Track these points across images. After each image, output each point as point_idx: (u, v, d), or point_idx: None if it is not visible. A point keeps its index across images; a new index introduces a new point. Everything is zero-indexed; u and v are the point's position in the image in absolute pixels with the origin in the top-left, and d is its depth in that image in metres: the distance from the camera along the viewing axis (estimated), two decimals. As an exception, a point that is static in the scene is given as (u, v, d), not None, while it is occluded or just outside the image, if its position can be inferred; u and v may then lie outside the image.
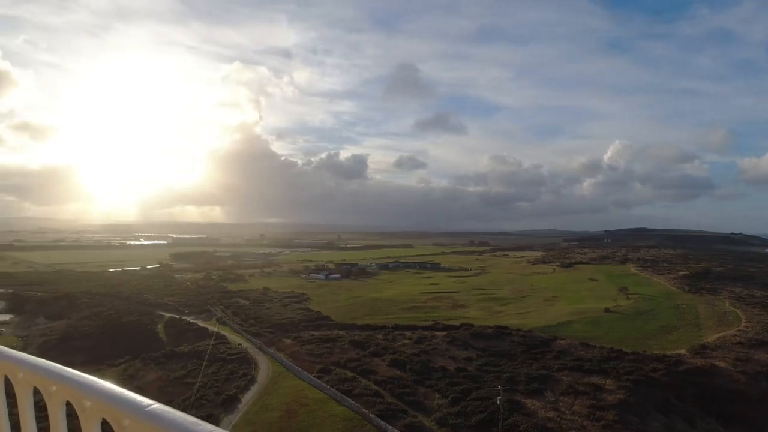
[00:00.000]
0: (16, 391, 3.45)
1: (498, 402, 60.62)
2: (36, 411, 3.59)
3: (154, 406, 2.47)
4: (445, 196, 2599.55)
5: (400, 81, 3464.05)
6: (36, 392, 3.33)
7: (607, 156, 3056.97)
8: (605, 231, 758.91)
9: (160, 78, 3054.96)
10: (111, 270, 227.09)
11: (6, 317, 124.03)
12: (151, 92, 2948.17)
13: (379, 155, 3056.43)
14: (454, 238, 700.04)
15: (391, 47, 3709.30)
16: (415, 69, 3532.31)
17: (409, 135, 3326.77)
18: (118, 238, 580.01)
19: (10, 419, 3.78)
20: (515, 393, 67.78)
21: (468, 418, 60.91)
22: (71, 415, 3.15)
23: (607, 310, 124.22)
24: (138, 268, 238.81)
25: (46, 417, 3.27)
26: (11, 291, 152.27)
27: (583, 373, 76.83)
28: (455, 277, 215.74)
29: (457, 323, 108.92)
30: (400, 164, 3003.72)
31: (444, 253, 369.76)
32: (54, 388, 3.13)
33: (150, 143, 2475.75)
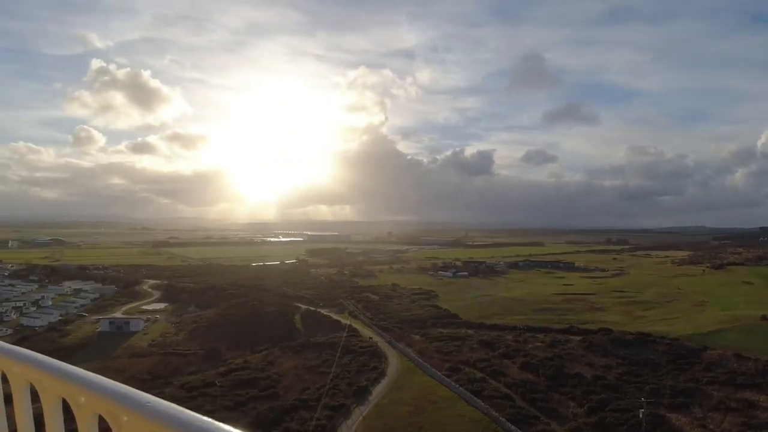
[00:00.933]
0: (12, 387, 3.32)
1: (640, 415, 56.52)
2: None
3: (152, 401, 2.37)
4: (578, 191, 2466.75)
5: (525, 72, 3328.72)
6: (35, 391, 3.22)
7: (761, 142, 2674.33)
8: (761, 228, 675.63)
9: (293, 87, 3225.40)
10: (254, 264, 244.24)
11: (161, 305, 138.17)
12: (285, 100, 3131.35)
13: (505, 150, 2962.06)
14: (589, 235, 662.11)
15: (514, 38, 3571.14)
16: (541, 59, 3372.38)
17: (537, 128, 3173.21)
18: (260, 236, 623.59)
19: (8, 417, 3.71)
20: (659, 406, 62.82)
21: (606, 430, 57.38)
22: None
23: (764, 317, 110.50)
24: (277, 262, 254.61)
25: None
26: (167, 282, 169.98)
27: (736, 387, 69.60)
28: (591, 277, 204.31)
29: (594, 327, 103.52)
30: (528, 159, 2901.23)
31: (578, 252, 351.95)
32: (48, 383, 2.98)
33: (286, 147, 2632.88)
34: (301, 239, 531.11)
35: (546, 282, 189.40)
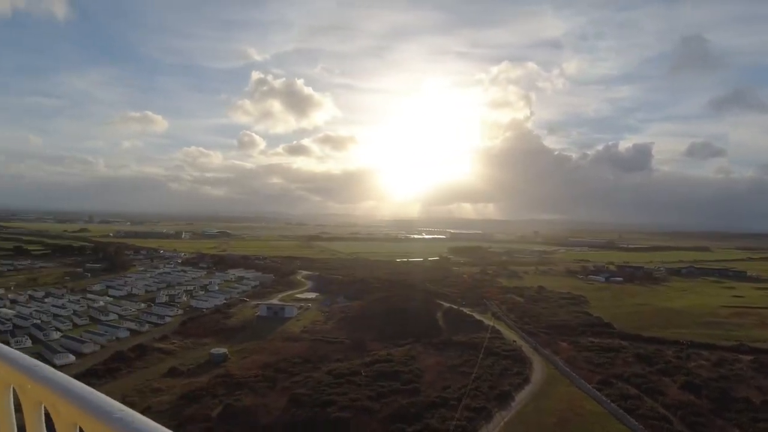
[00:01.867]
0: (21, 401, 3.21)
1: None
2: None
3: (125, 414, 2.31)
4: (750, 189, 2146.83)
5: (686, 56, 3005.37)
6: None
7: None
8: None
9: (436, 85, 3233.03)
10: (398, 260, 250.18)
11: (313, 295, 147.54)
12: (429, 99, 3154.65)
13: (665, 143, 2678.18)
14: (763, 240, 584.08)
15: (673, 19, 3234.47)
16: (703, 40, 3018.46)
17: (701, 117, 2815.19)
18: (404, 232, 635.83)
19: None
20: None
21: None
22: None
23: None
24: (420, 259, 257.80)
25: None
26: (318, 273, 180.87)
27: None
28: (765, 289, 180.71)
29: (766, 347, 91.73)
30: (691, 152, 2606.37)
31: (750, 259, 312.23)
32: (29, 386, 2.93)
33: (430, 146, 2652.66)
34: (443, 237, 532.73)
35: (713, 292, 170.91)
